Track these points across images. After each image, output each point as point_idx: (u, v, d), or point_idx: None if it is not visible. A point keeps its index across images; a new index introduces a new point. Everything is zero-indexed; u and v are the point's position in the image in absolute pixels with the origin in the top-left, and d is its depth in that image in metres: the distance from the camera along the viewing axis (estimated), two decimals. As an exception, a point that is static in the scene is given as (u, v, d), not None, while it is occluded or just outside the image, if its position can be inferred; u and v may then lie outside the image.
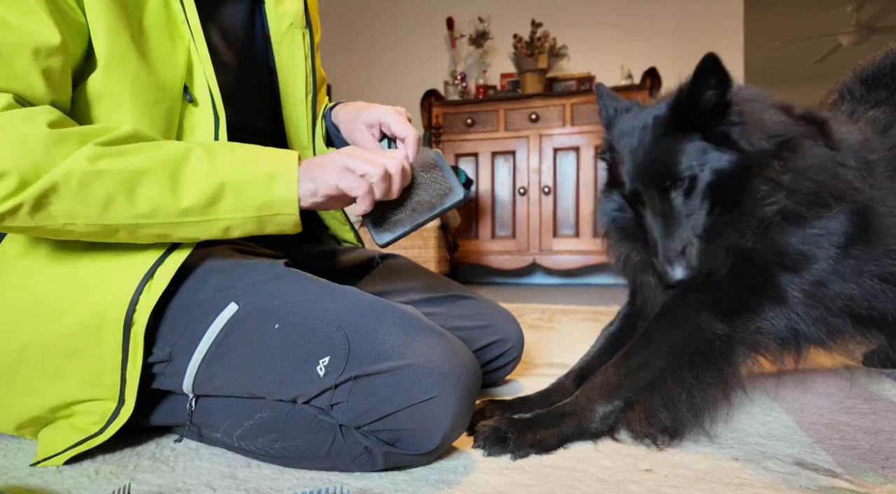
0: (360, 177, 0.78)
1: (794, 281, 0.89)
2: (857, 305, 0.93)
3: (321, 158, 0.80)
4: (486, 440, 0.84)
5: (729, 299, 0.89)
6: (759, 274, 0.90)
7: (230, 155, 0.76)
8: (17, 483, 0.75)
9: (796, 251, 0.90)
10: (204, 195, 0.73)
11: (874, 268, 0.92)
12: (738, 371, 0.88)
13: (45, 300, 0.77)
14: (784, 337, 0.91)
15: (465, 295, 1.16)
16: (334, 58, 4.41)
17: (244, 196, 0.75)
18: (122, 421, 0.78)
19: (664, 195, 0.94)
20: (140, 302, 0.75)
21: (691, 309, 0.90)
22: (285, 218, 0.77)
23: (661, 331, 0.91)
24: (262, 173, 0.75)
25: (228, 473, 0.78)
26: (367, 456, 0.76)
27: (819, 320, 0.91)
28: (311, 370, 0.75)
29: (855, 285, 0.92)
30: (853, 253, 0.91)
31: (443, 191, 0.85)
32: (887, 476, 0.77)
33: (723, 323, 0.88)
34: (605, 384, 0.89)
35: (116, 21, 0.75)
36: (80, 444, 0.78)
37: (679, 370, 0.86)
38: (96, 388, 0.78)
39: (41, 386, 0.78)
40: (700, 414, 0.87)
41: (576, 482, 0.75)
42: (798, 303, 0.90)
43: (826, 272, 0.90)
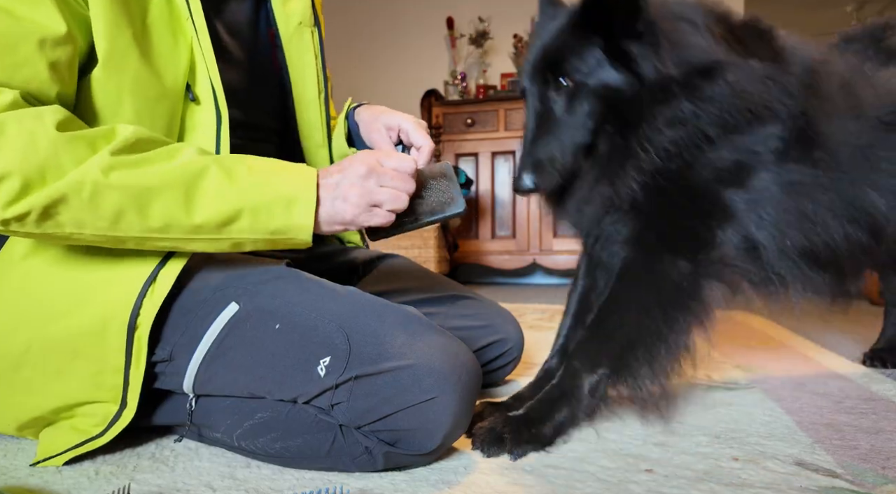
0: (387, 212, 0.79)
1: (738, 194, 0.87)
2: (805, 213, 0.91)
3: (345, 194, 0.77)
4: (483, 441, 0.83)
5: (682, 232, 0.87)
6: (700, 196, 0.87)
7: (248, 175, 0.74)
8: (17, 483, 0.75)
9: (732, 162, 0.86)
10: (219, 216, 0.72)
11: (819, 178, 0.90)
12: (710, 307, 0.87)
13: (48, 301, 0.77)
14: (744, 250, 0.89)
15: (465, 295, 1.16)
16: (334, 57, 4.39)
17: (261, 218, 0.74)
18: (124, 424, 0.77)
19: (545, 94, 0.87)
20: (144, 305, 0.75)
21: (649, 254, 0.88)
22: (298, 240, 0.77)
23: (626, 287, 0.88)
24: (281, 197, 0.74)
25: (228, 473, 0.78)
26: (367, 456, 0.76)
27: (772, 224, 0.89)
28: (312, 370, 0.75)
29: (799, 191, 0.90)
30: (792, 159, 0.89)
31: (445, 200, 0.87)
32: (887, 477, 0.77)
33: (685, 261, 0.86)
34: (585, 353, 0.87)
35: (118, 17, 0.75)
36: (80, 446, 0.78)
37: (653, 322, 0.85)
38: (98, 390, 0.78)
39: (42, 386, 0.78)
40: (678, 359, 0.86)
41: (576, 482, 0.75)
42: (748, 212, 0.87)
43: (768, 180, 0.88)
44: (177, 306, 0.81)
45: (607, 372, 0.86)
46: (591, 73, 0.84)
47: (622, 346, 0.85)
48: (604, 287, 1.03)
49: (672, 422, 0.99)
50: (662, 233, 0.88)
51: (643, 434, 0.93)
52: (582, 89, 0.85)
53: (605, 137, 0.87)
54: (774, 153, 0.88)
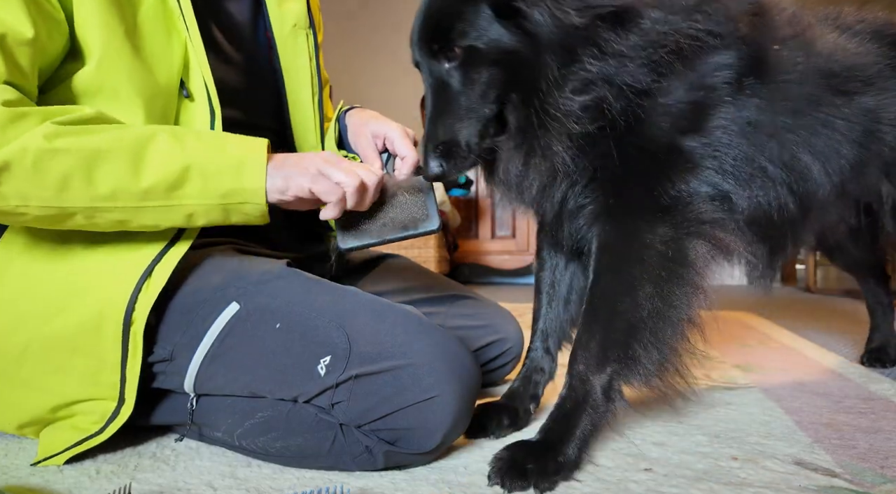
0: (334, 183, 0.78)
1: (697, 140, 0.81)
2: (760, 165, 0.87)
3: (297, 157, 0.80)
4: (504, 474, 0.72)
5: (650, 195, 0.80)
6: (660, 151, 0.80)
7: (198, 139, 0.75)
8: (18, 482, 0.75)
9: (688, 104, 0.79)
10: (168, 178, 0.72)
11: (772, 121, 0.86)
12: (702, 270, 0.81)
13: (45, 299, 0.77)
14: (718, 200, 0.83)
15: (465, 295, 1.16)
16: (334, 58, 4.39)
17: (210, 181, 0.73)
18: (122, 420, 0.78)
19: (437, 67, 0.79)
20: (139, 300, 0.75)
21: (624, 228, 0.81)
22: (252, 207, 0.76)
23: (610, 270, 0.81)
24: (230, 159, 0.74)
25: (229, 472, 0.78)
26: (367, 456, 0.76)
27: (739, 159, 0.84)
28: (312, 369, 0.75)
29: (755, 134, 0.85)
30: (747, 91, 0.84)
31: (419, 216, 0.87)
32: (886, 476, 0.77)
33: (663, 226, 0.79)
34: (588, 353, 0.80)
35: (109, 15, 0.75)
36: (80, 443, 0.78)
37: (650, 302, 0.78)
38: (97, 387, 0.78)
39: (42, 384, 0.79)
40: (685, 335, 0.81)
41: (576, 482, 0.75)
42: (710, 159, 0.82)
43: (727, 119, 0.82)
44: (177, 305, 0.81)
45: (616, 367, 0.79)
46: (482, 37, 0.75)
47: (624, 336, 0.78)
48: (566, 265, 0.99)
49: (671, 422, 0.99)
50: (631, 201, 0.81)
51: (642, 434, 0.93)
52: (474, 56, 0.76)
53: (513, 108, 0.79)
54: (729, 86, 0.82)
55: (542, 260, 1.02)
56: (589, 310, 0.82)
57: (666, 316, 0.79)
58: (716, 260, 0.83)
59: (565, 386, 0.82)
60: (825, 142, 0.92)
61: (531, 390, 0.99)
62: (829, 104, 0.92)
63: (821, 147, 0.91)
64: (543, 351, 1.00)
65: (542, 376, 1.00)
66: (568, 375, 0.82)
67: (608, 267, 0.81)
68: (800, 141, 0.89)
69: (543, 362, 1.00)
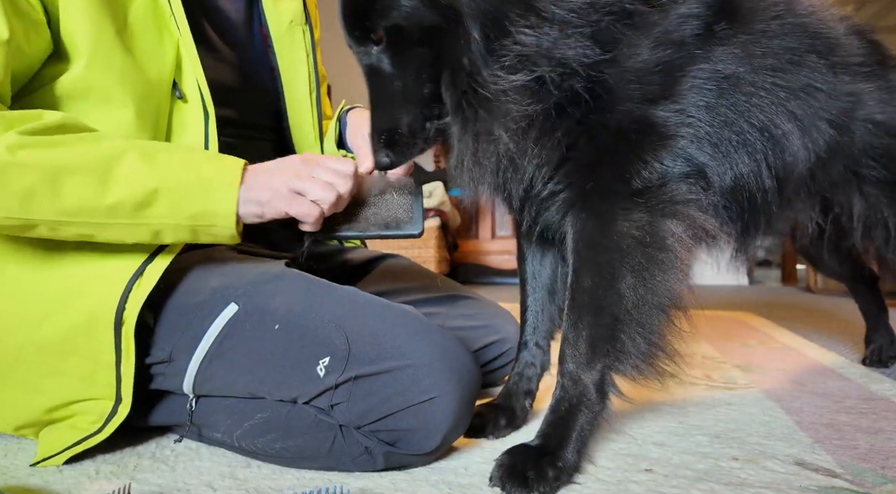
0: (311, 202, 0.78)
1: (668, 108, 0.76)
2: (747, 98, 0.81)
3: (268, 175, 0.77)
4: (506, 482, 0.72)
5: (623, 179, 0.77)
6: (629, 126, 0.76)
7: (170, 158, 0.73)
8: (17, 483, 0.75)
9: (657, 65, 0.74)
10: (135, 198, 0.70)
11: (748, 75, 0.80)
12: (681, 252, 0.78)
13: (37, 303, 0.77)
14: (693, 177, 0.80)
15: (465, 296, 1.16)
16: (334, 58, 4.38)
17: (179, 203, 0.72)
18: (120, 420, 0.78)
19: (365, 52, 0.76)
20: (129, 300, 0.75)
21: (599, 218, 0.78)
22: (221, 230, 0.75)
23: (590, 263, 0.78)
24: (201, 181, 0.73)
25: (229, 473, 0.78)
26: (367, 457, 0.76)
27: (716, 124, 0.80)
28: (311, 370, 0.75)
29: (731, 92, 0.80)
30: (718, 40, 0.78)
31: (403, 218, 0.86)
32: (887, 476, 0.77)
33: (638, 212, 0.76)
34: (577, 351, 0.78)
35: (99, 15, 0.75)
36: (79, 443, 0.78)
37: (633, 292, 0.76)
38: (93, 387, 0.78)
39: (38, 385, 0.79)
40: (671, 319, 0.79)
41: (576, 483, 0.75)
42: (682, 127, 0.78)
43: (701, 77, 0.77)
44: (176, 307, 0.81)
45: (607, 362, 0.78)
46: (401, 15, 0.71)
47: (611, 330, 0.77)
48: (544, 254, 0.97)
49: (671, 422, 0.99)
50: (603, 187, 0.77)
51: (643, 434, 0.93)
52: (398, 37, 0.72)
53: (445, 89, 0.74)
54: (699, 37, 0.77)
55: (522, 253, 1.00)
56: (572, 307, 0.80)
57: (650, 303, 0.77)
58: (693, 242, 0.80)
59: (558, 387, 0.80)
60: (806, 110, 0.86)
61: (524, 386, 0.99)
62: (813, 68, 0.86)
63: (801, 114, 0.86)
64: (533, 345, 0.99)
65: (534, 370, 0.99)
66: (559, 375, 0.81)
67: (587, 261, 0.79)
68: (779, 103, 0.84)
69: (534, 357, 0.99)
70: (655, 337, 0.78)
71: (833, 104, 0.90)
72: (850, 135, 0.95)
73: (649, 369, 0.79)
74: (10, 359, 0.77)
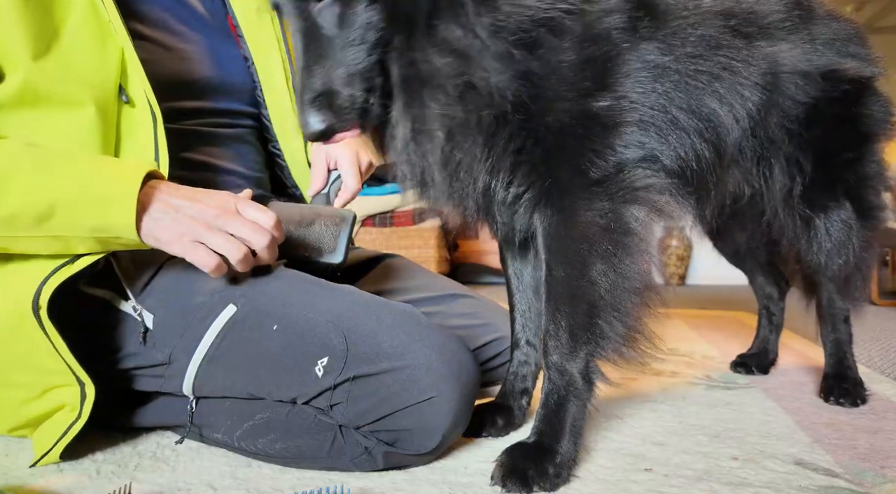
0: (210, 253, 0.74)
1: (606, 98, 0.78)
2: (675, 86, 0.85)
3: (175, 219, 0.73)
4: (507, 481, 0.73)
5: (578, 173, 0.78)
6: (572, 121, 0.77)
7: (67, 170, 0.73)
8: (18, 482, 0.75)
9: (584, 61, 0.76)
10: (33, 211, 0.70)
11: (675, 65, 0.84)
12: (643, 234, 0.80)
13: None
14: (646, 161, 0.82)
15: (465, 294, 1.16)
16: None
17: (78, 217, 0.72)
18: (91, 399, 0.78)
19: (304, 7, 0.70)
20: (43, 291, 0.74)
21: (562, 212, 0.79)
22: (129, 241, 0.74)
23: (560, 257, 0.80)
24: (95, 196, 0.72)
25: (229, 472, 0.78)
26: (366, 457, 0.76)
27: (657, 108, 0.82)
28: (310, 370, 0.75)
29: (663, 78, 0.83)
30: (643, 35, 0.82)
31: (325, 248, 0.89)
32: (886, 476, 0.77)
33: (599, 201, 0.78)
34: (559, 342, 0.79)
35: (31, 27, 0.74)
36: (66, 433, 0.78)
37: (604, 278, 0.78)
38: (50, 374, 0.78)
39: (9, 379, 0.80)
40: (648, 301, 0.82)
41: (576, 482, 0.75)
42: (627, 114, 0.80)
43: (632, 65, 0.80)
44: (174, 308, 0.81)
45: (589, 349, 0.79)
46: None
47: (588, 317, 0.78)
48: (523, 254, 0.99)
49: (671, 422, 0.99)
50: (562, 182, 0.79)
51: (642, 434, 0.93)
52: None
53: (394, 58, 0.72)
54: (624, 31, 0.79)
55: (503, 255, 1.02)
56: (549, 300, 0.81)
57: (622, 287, 0.79)
58: (655, 222, 0.83)
59: (545, 380, 0.81)
60: (728, 86, 0.91)
61: (520, 385, 0.99)
62: (730, 46, 0.91)
63: (724, 91, 0.90)
64: (524, 343, 1.00)
65: (528, 368, 1.00)
66: (545, 368, 0.82)
67: (557, 254, 0.80)
68: (704, 86, 0.88)
69: (527, 355, 1.00)
70: (632, 319, 0.80)
71: (753, 70, 0.94)
72: (780, 90, 0.98)
73: (630, 352, 0.81)
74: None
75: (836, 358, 1.18)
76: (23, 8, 0.74)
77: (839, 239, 1.09)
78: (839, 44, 1.04)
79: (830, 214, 1.09)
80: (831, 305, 1.17)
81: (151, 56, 0.86)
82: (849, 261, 1.11)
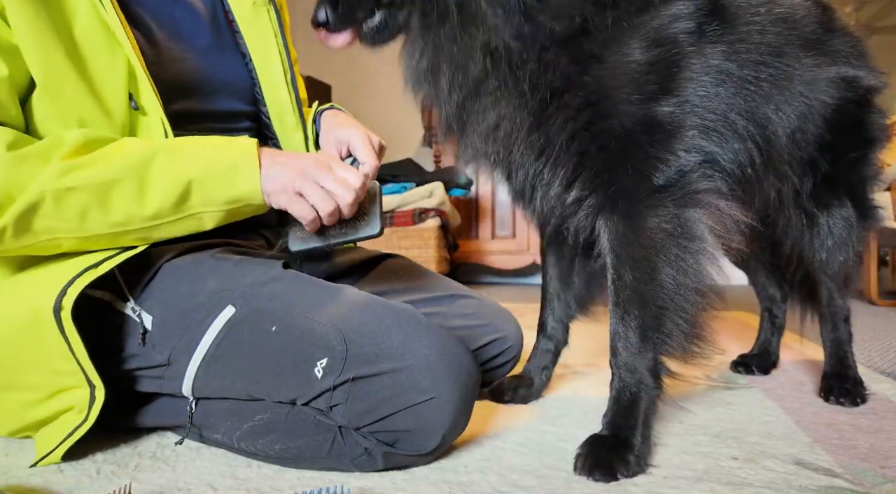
0: (309, 206, 0.80)
1: (670, 102, 0.80)
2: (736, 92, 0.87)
3: (279, 171, 0.79)
4: (594, 470, 0.77)
5: (642, 176, 0.80)
6: (636, 129, 0.79)
7: (194, 150, 0.77)
8: (18, 482, 0.75)
9: (650, 63, 0.78)
10: (173, 195, 0.75)
11: (739, 71, 0.86)
12: (706, 236, 0.83)
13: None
14: (707, 165, 0.84)
15: (465, 295, 1.16)
16: (333, 57, 4.40)
17: (210, 192, 0.77)
18: (100, 402, 0.78)
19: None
20: (68, 293, 0.75)
21: (629, 219, 0.82)
22: (253, 207, 0.80)
23: (629, 261, 0.83)
24: (223, 168, 0.77)
25: (229, 472, 0.78)
26: (366, 457, 0.76)
27: (718, 113, 0.84)
28: (309, 372, 0.75)
29: (728, 85, 0.85)
30: (711, 39, 0.83)
31: (363, 222, 0.89)
32: (886, 476, 0.77)
33: (664, 208, 0.81)
34: (628, 342, 0.83)
35: (44, 38, 0.74)
36: (71, 435, 0.78)
37: (671, 281, 0.81)
38: (61, 377, 0.78)
39: (16, 382, 0.80)
40: (710, 301, 0.85)
41: (575, 482, 0.75)
42: (690, 118, 0.82)
43: (697, 70, 0.81)
44: (173, 309, 0.81)
45: (656, 347, 0.83)
46: None
47: (656, 318, 0.82)
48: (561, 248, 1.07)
49: (671, 422, 0.99)
50: (628, 190, 0.81)
51: (643, 434, 0.93)
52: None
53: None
54: (691, 35, 0.81)
55: (542, 246, 1.11)
56: (617, 303, 0.84)
57: (688, 288, 0.82)
58: (717, 226, 0.85)
59: (615, 378, 0.85)
60: (784, 94, 0.94)
61: (542, 362, 1.13)
62: (790, 54, 0.94)
63: (780, 99, 0.93)
64: (550, 327, 1.12)
65: (550, 347, 1.13)
66: (614, 367, 0.86)
67: (625, 259, 0.83)
68: (764, 93, 0.90)
69: (550, 338, 1.12)
70: (694, 317, 0.84)
71: (801, 78, 0.97)
72: (817, 98, 1.01)
73: (694, 347, 0.85)
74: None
75: (836, 358, 1.18)
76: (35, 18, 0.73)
77: (841, 236, 1.11)
78: (854, 55, 1.08)
79: (833, 212, 1.11)
80: (831, 304, 1.17)
81: (152, 59, 0.85)
82: (848, 259, 1.13)
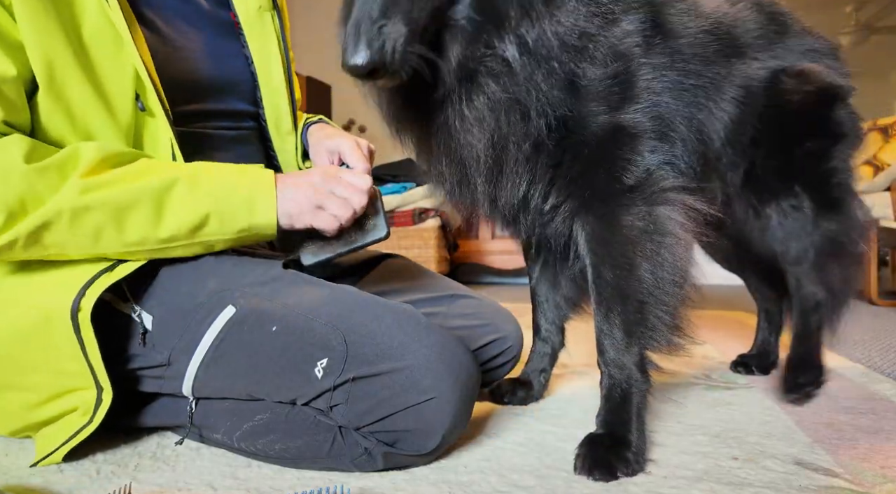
0: (332, 216, 0.84)
1: (632, 109, 0.85)
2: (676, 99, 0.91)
3: (294, 192, 0.83)
4: (593, 469, 0.78)
5: (614, 178, 0.85)
6: (605, 138, 0.83)
7: (211, 180, 0.79)
8: (18, 482, 0.75)
9: (609, 76, 0.82)
10: (189, 224, 0.77)
11: (682, 81, 0.92)
12: (679, 231, 0.86)
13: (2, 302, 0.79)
14: (668, 164, 0.89)
15: (465, 295, 1.16)
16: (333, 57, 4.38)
17: (227, 222, 0.79)
18: (107, 405, 0.78)
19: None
20: (86, 295, 0.75)
21: (604, 220, 0.86)
22: (265, 236, 0.83)
23: (606, 261, 0.86)
24: (240, 200, 0.79)
25: (229, 472, 0.78)
26: (366, 457, 0.76)
27: (667, 118, 0.89)
28: (310, 372, 0.75)
29: (675, 89, 0.90)
30: (657, 51, 0.89)
31: (369, 227, 0.90)
32: (886, 476, 0.77)
33: (636, 206, 0.84)
34: (614, 339, 0.85)
35: (53, 38, 0.74)
36: (74, 437, 0.78)
37: (650, 275, 0.84)
38: (69, 378, 0.78)
39: (20, 382, 0.80)
40: (688, 292, 0.88)
41: (575, 482, 0.75)
42: (649, 122, 0.86)
43: (648, 77, 0.86)
44: (173, 309, 0.81)
45: (642, 342, 0.85)
46: None
47: (639, 313, 0.85)
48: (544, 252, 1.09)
49: (671, 422, 0.99)
50: (601, 191, 0.85)
51: (642, 434, 0.93)
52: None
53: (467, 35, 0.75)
54: (641, 48, 0.86)
55: (527, 254, 1.14)
56: (600, 301, 0.87)
57: (666, 280, 0.85)
58: (685, 220, 0.88)
59: (604, 377, 0.87)
60: (715, 99, 0.98)
61: (540, 364, 1.13)
62: (717, 64, 0.99)
63: (711, 104, 0.98)
64: (544, 330, 1.13)
65: (547, 350, 1.13)
66: (602, 365, 0.87)
67: (603, 257, 0.86)
68: (695, 101, 0.95)
69: (545, 340, 1.13)
70: (675, 310, 0.86)
71: (734, 87, 1.01)
72: (751, 101, 1.04)
73: (676, 339, 0.87)
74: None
75: (795, 348, 1.19)
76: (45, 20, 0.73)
77: (793, 226, 1.11)
78: (813, 54, 1.11)
79: (782, 203, 1.11)
80: (799, 291, 1.16)
81: (160, 58, 0.85)
82: (809, 248, 1.12)
